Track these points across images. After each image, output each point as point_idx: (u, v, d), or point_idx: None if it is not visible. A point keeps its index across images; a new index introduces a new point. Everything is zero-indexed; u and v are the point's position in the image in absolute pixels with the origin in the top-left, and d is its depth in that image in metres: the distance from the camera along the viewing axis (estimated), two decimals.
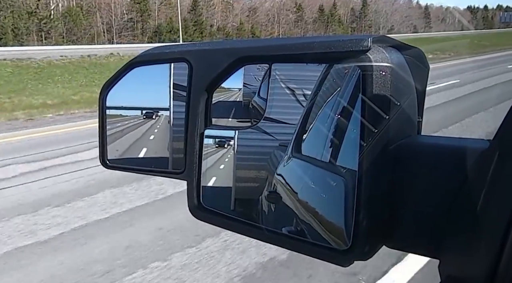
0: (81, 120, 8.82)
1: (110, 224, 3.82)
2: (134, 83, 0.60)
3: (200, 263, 3.09)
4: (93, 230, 3.70)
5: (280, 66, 0.50)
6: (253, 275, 2.93)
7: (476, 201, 0.36)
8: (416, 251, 0.43)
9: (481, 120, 7.66)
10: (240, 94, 0.54)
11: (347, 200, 0.42)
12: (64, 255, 3.27)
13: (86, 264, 3.12)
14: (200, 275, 2.94)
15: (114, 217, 3.97)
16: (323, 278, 2.82)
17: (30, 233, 3.64)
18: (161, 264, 3.08)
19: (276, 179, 0.50)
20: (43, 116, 9.39)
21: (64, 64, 19.06)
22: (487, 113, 8.12)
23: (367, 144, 0.41)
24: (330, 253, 0.44)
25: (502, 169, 0.34)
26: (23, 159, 5.82)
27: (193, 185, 0.54)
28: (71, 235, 3.61)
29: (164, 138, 0.59)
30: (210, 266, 3.05)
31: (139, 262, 3.13)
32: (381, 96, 0.41)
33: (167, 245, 3.38)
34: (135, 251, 3.29)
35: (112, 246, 3.40)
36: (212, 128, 0.54)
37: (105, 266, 3.08)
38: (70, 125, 8.50)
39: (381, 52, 0.42)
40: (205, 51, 0.54)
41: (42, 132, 7.79)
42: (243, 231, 0.51)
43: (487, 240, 0.33)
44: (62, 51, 23.62)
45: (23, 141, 7.10)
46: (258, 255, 3.12)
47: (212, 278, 2.91)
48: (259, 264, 3.04)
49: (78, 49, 25.84)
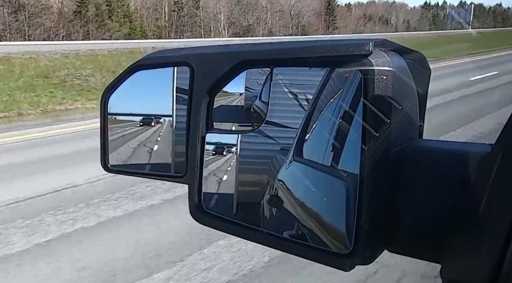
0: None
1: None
2: (136, 87, 0.60)
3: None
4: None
5: (281, 70, 0.50)
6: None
7: (478, 205, 0.36)
8: (417, 255, 0.43)
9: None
10: (241, 98, 0.54)
11: (349, 204, 0.42)
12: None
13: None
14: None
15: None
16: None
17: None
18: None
19: (277, 183, 0.50)
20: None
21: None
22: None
23: (369, 148, 0.41)
24: (331, 257, 0.44)
25: (504, 174, 0.34)
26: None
27: (195, 189, 0.54)
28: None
29: (166, 142, 0.59)
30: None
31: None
32: (383, 100, 0.41)
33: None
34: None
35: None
36: (214, 132, 0.54)
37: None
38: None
39: (383, 56, 0.42)
40: (207, 55, 0.55)
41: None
42: (245, 235, 0.51)
43: (489, 244, 0.33)
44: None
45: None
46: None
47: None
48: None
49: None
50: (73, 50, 16.75)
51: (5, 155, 6.17)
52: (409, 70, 0.45)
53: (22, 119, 8.97)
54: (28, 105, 9.90)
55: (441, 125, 7.06)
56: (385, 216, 0.42)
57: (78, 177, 4.96)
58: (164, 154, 0.60)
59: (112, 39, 33.31)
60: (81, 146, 6.19)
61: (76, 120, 8.74)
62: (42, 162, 5.68)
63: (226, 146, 0.53)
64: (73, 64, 14.23)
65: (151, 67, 0.59)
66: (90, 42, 27.48)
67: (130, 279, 2.96)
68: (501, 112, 7.74)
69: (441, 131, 6.67)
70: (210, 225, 0.54)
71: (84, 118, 8.75)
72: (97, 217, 3.97)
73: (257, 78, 0.52)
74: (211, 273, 3.02)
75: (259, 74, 0.52)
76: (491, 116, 7.85)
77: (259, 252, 3.16)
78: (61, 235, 3.63)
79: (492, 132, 6.30)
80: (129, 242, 3.52)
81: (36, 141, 7.04)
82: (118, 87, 0.61)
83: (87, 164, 5.07)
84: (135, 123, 0.62)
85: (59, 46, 18.91)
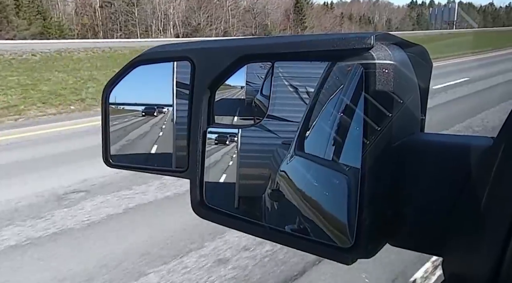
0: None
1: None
2: (137, 81, 0.60)
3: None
4: None
5: (282, 64, 0.50)
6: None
7: (479, 199, 0.36)
8: (419, 249, 0.43)
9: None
10: (243, 92, 0.54)
11: (350, 198, 0.42)
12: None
13: None
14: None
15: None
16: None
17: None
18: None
19: (279, 177, 0.50)
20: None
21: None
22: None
23: (370, 142, 0.41)
24: (333, 251, 0.44)
25: (506, 167, 0.34)
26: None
27: (196, 183, 0.54)
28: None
29: (168, 136, 0.59)
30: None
31: None
32: (384, 94, 0.41)
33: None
34: None
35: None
36: (215, 126, 0.54)
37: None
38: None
39: (384, 49, 0.42)
40: (208, 50, 0.54)
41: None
42: (246, 229, 0.51)
43: (490, 237, 0.33)
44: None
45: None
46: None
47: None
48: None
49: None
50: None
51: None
52: (411, 63, 0.45)
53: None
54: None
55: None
56: (387, 210, 0.42)
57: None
58: (165, 149, 0.60)
59: (16, 39, 29.33)
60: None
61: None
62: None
63: (228, 135, 0.53)
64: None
65: (152, 62, 0.59)
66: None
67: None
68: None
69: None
70: (211, 219, 0.54)
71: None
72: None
73: (258, 72, 0.52)
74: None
75: (260, 68, 0.52)
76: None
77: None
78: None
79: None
80: None
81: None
82: (119, 82, 0.60)
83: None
84: (136, 117, 0.62)
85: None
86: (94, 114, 8.68)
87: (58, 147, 6.30)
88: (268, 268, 3.00)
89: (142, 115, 0.61)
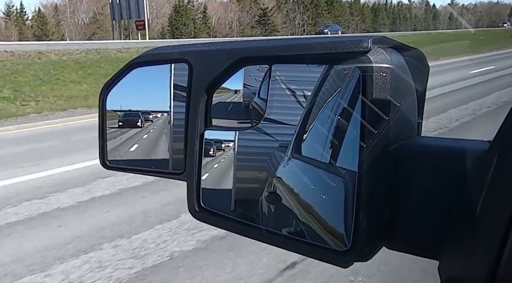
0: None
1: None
2: (134, 83, 0.60)
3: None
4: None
5: (280, 67, 0.50)
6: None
7: (476, 202, 0.36)
8: (415, 252, 0.43)
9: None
10: (240, 95, 0.54)
11: (347, 201, 0.42)
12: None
13: None
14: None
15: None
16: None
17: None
18: None
19: (276, 180, 0.50)
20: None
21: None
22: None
23: (367, 145, 0.41)
24: (329, 254, 0.44)
25: (502, 170, 0.34)
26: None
27: (193, 186, 0.54)
28: None
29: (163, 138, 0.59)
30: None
31: None
32: (381, 97, 0.41)
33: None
34: None
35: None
36: (212, 129, 0.54)
37: None
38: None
39: (381, 53, 0.42)
40: (205, 52, 0.54)
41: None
42: (243, 232, 0.51)
43: (487, 241, 0.33)
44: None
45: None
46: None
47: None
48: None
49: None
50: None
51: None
52: (408, 67, 0.45)
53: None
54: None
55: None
56: (383, 213, 0.42)
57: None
58: (162, 151, 0.60)
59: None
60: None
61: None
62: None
63: (225, 142, 0.53)
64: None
65: (149, 64, 0.59)
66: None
67: None
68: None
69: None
70: (208, 222, 0.54)
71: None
72: None
73: (255, 75, 0.52)
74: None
75: (257, 71, 0.52)
76: None
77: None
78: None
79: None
80: None
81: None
82: (116, 84, 0.60)
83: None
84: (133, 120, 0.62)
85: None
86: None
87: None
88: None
89: (118, 126, 0.61)
